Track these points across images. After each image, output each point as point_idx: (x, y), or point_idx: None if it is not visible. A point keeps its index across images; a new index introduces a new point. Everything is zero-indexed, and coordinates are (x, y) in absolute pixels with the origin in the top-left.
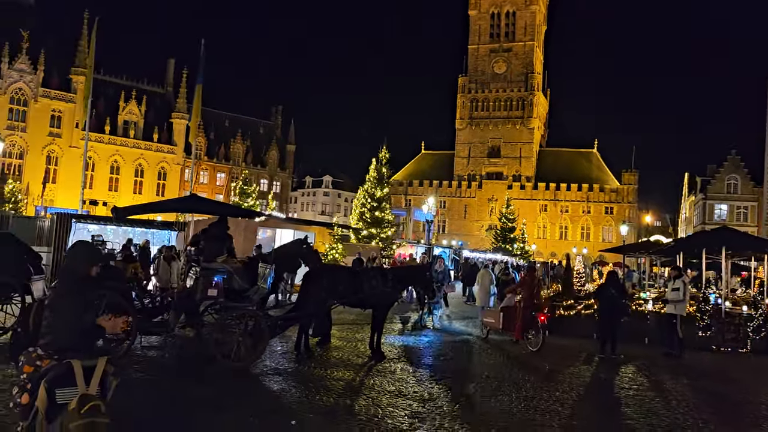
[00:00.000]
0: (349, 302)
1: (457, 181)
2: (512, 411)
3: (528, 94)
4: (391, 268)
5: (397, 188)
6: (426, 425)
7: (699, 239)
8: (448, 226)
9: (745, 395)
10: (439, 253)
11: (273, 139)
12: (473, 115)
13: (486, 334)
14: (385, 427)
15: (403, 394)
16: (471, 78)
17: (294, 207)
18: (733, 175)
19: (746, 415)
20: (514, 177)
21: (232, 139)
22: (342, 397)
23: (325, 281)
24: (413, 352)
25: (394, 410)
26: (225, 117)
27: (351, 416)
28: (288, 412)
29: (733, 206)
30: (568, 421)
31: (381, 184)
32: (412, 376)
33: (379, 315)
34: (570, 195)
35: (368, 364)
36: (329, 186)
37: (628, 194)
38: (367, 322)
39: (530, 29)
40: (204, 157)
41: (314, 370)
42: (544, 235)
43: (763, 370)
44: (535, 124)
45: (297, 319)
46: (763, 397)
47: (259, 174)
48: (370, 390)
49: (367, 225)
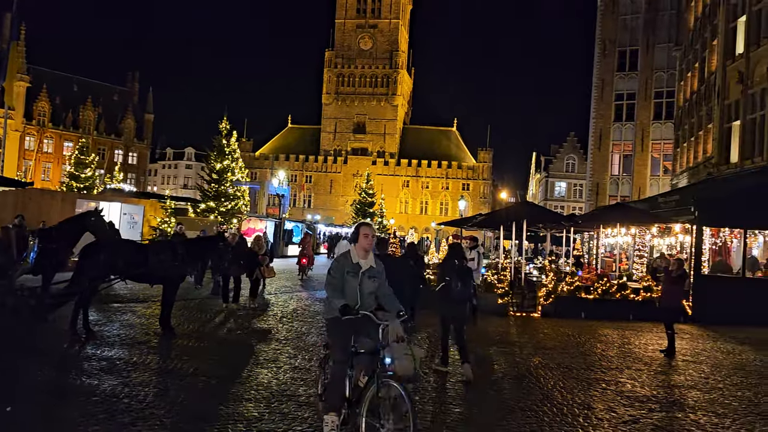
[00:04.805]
0: (133, 277)
1: (324, 156)
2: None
3: (393, 71)
4: (183, 241)
5: (262, 162)
6: (166, 402)
7: (501, 213)
8: (314, 201)
9: (511, 357)
10: (291, 227)
11: (129, 106)
12: (340, 90)
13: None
14: (119, 407)
15: (169, 370)
16: (338, 53)
17: (153, 180)
18: (571, 155)
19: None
20: (379, 153)
21: (81, 106)
22: (92, 378)
23: (103, 255)
24: (211, 329)
25: (142, 389)
26: (73, 81)
27: (86, 397)
28: (24, 396)
29: (570, 184)
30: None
31: (222, 156)
32: (194, 351)
33: (169, 290)
34: (431, 171)
35: (150, 341)
36: (192, 158)
37: (484, 171)
38: (183, 297)
39: (396, 7)
40: (48, 124)
41: (86, 351)
42: (406, 210)
43: (537, 331)
44: (399, 101)
45: (70, 296)
46: (518, 357)
47: (113, 144)
48: (132, 370)
49: (207, 198)
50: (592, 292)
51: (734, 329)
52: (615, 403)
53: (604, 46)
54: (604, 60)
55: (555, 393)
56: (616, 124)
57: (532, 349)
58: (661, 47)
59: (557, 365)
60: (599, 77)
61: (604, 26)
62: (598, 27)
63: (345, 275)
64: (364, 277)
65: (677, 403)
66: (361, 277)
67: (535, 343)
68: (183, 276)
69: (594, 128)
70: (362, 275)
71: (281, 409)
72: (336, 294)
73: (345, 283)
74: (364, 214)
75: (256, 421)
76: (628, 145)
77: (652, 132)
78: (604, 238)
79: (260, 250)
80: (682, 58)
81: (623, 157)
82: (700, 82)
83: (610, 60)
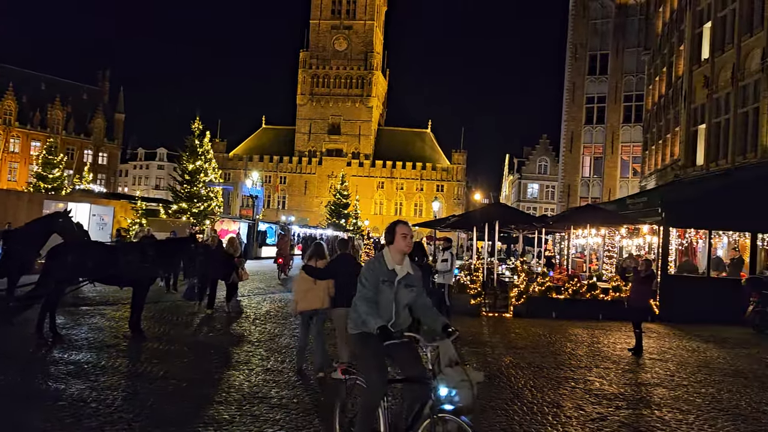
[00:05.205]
0: (102, 279)
1: (298, 157)
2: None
3: (367, 73)
4: (153, 242)
5: (236, 163)
6: (134, 406)
7: (475, 215)
8: (288, 202)
9: (482, 357)
10: (265, 228)
11: (99, 106)
12: (314, 91)
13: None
14: (87, 411)
15: (139, 374)
16: (312, 53)
17: (124, 181)
18: (544, 157)
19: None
20: (354, 154)
21: (49, 105)
22: (59, 382)
23: (71, 257)
24: (182, 331)
25: (110, 393)
26: (41, 79)
27: (52, 402)
28: None
29: (543, 185)
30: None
31: (194, 157)
32: (164, 354)
33: (139, 292)
34: (405, 173)
35: (119, 345)
36: (164, 159)
37: (458, 173)
38: (154, 300)
39: (370, 8)
40: (15, 123)
41: (52, 354)
42: (380, 211)
43: (508, 331)
44: (374, 102)
45: (36, 299)
46: (490, 357)
47: (83, 144)
48: (100, 374)
49: (179, 199)
50: (563, 292)
51: (699, 327)
52: (583, 401)
53: (575, 50)
54: (575, 63)
55: (525, 392)
56: (587, 127)
57: (504, 349)
58: (630, 51)
59: (528, 364)
60: (570, 80)
61: (575, 30)
62: (570, 31)
63: (380, 284)
64: (401, 287)
65: (644, 401)
66: (397, 286)
67: (507, 343)
68: (153, 278)
69: (565, 131)
70: (398, 284)
71: (252, 412)
72: (371, 309)
73: (378, 294)
74: (338, 215)
75: (227, 424)
76: (598, 148)
77: (621, 135)
78: (575, 239)
79: (235, 253)
80: (650, 63)
81: (594, 159)
82: (668, 86)
83: (581, 63)
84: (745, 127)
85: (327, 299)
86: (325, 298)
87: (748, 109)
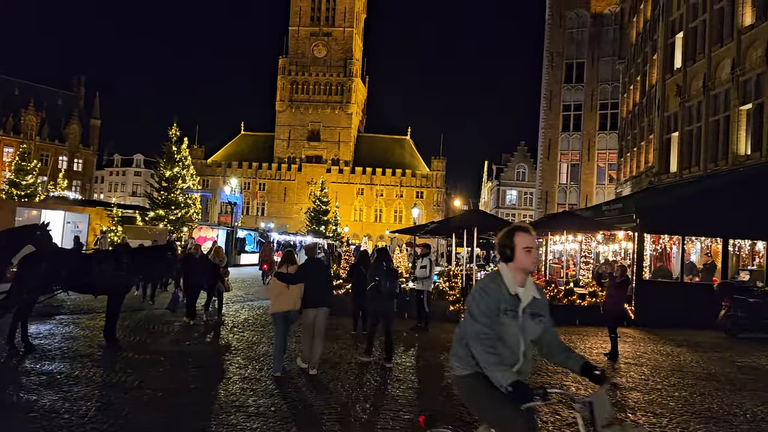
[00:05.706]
0: (76, 288)
1: (277, 164)
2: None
3: (347, 79)
4: (129, 250)
5: (215, 169)
6: (108, 416)
7: (454, 221)
8: (267, 209)
9: None
10: (244, 236)
11: (74, 111)
12: (294, 97)
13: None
14: (59, 422)
15: (113, 384)
16: (292, 60)
17: (100, 187)
18: (522, 164)
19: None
20: (333, 161)
21: (23, 110)
22: (30, 393)
23: (45, 265)
24: (158, 340)
25: (84, 403)
26: (14, 84)
27: (23, 413)
28: None
29: (521, 192)
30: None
31: (172, 163)
32: (140, 364)
33: (114, 301)
34: (385, 179)
35: (94, 354)
36: (141, 165)
37: (437, 179)
38: (131, 308)
39: (350, 15)
40: None
41: (24, 364)
42: (360, 218)
43: None
44: (354, 109)
45: (8, 308)
46: None
47: (57, 150)
48: (74, 384)
49: (156, 206)
50: None
51: (673, 332)
52: (559, 406)
53: (551, 59)
54: (552, 72)
55: None
56: (564, 134)
57: None
58: (605, 60)
59: None
60: (548, 88)
61: (551, 39)
62: (546, 40)
63: (500, 315)
64: (526, 317)
65: (618, 405)
66: (522, 316)
67: None
68: (129, 286)
69: (543, 138)
70: (523, 314)
71: (229, 421)
72: (493, 357)
73: (499, 327)
74: (318, 222)
75: None
76: (575, 155)
77: (597, 142)
78: (552, 245)
79: (222, 263)
80: (625, 72)
81: (571, 166)
82: (642, 95)
83: (558, 72)
84: (716, 135)
85: (298, 301)
86: (296, 300)
87: (720, 117)
